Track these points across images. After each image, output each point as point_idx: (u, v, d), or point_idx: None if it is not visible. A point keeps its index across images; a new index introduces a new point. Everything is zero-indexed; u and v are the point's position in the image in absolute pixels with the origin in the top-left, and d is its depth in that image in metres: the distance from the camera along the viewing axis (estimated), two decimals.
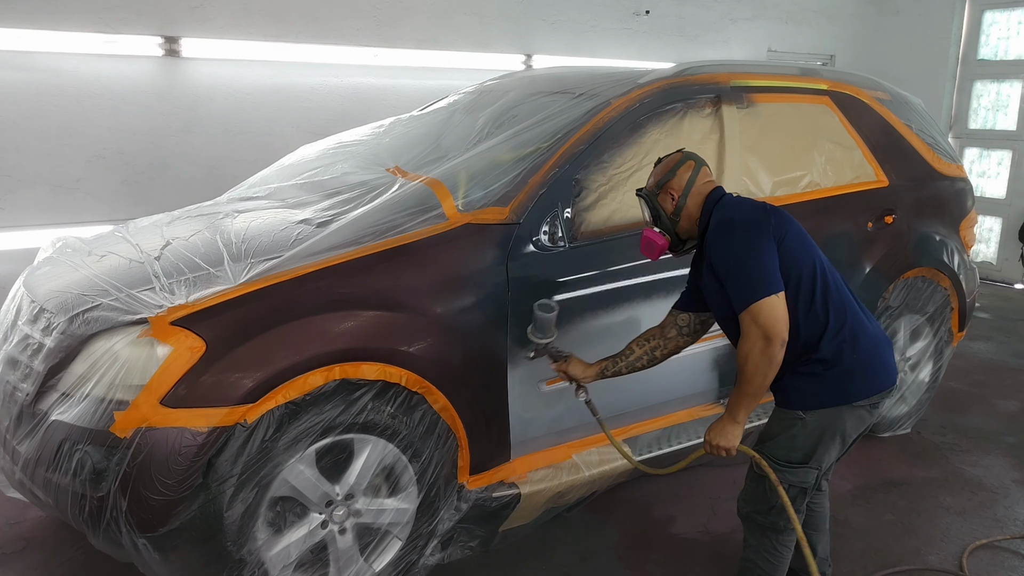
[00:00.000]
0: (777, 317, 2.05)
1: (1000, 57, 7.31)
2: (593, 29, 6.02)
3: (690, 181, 2.29)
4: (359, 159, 3.31)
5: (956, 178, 3.91)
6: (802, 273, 2.14)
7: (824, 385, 2.16)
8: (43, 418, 2.20)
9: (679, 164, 2.32)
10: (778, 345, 2.06)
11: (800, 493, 2.23)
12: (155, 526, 2.09)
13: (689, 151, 2.39)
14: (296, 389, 2.19)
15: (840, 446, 2.24)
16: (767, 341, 2.06)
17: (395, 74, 5.17)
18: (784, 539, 2.30)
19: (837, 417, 2.17)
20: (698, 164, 2.33)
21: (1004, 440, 3.91)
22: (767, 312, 2.05)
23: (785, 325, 2.07)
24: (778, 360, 2.08)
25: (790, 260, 2.13)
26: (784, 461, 2.21)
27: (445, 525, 2.57)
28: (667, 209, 2.32)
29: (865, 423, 2.23)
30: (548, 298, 2.57)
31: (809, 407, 2.18)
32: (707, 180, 2.32)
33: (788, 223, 2.19)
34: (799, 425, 2.19)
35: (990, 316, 6.22)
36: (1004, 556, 2.92)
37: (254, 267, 2.33)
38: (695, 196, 2.29)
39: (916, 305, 3.62)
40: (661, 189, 2.32)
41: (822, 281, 2.16)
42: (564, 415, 2.76)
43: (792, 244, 2.15)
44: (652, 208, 2.35)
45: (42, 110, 4.08)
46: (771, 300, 2.05)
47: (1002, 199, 7.35)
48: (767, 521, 2.29)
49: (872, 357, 2.18)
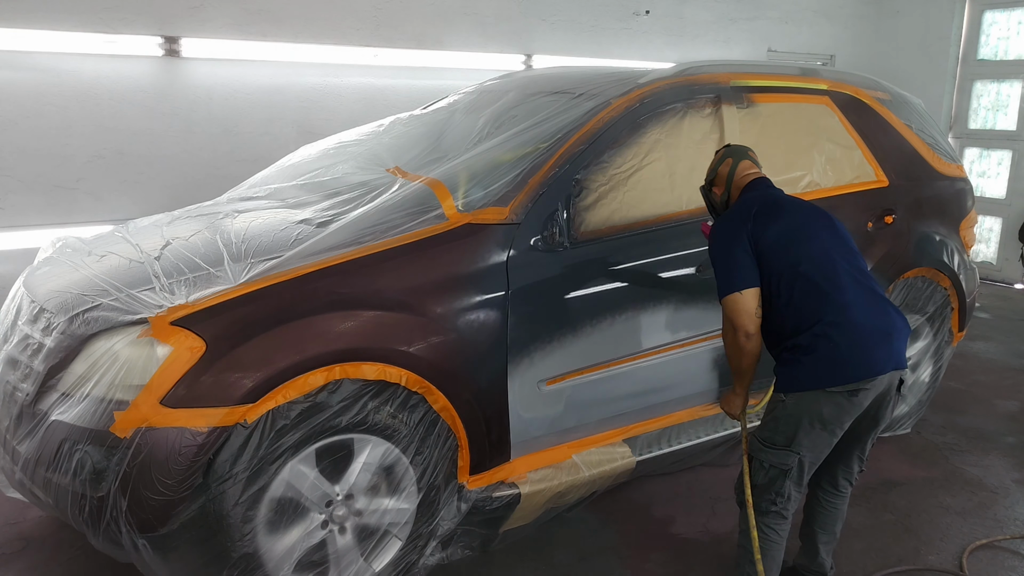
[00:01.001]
0: (740, 311, 2.29)
1: (1000, 57, 7.31)
2: (593, 29, 6.02)
3: (730, 176, 2.53)
4: (359, 159, 3.31)
5: (956, 178, 3.91)
6: (783, 271, 2.29)
7: (801, 369, 2.26)
8: (43, 418, 2.20)
9: (720, 161, 2.57)
10: (742, 336, 2.30)
11: (780, 474, 2.31)
12: (155, 526, 2.09)
13: (734, 146, 2.63)
14: (296, 389, 2.19)
15: (824, 434, 2.27)
16: (734, 331, 2.32)
17: (395, 74, 5.16)
18: (769, 521, 2.36)
19: (814, 401, 2.24)
20: (736, 158, 2.55)
21: (1004, 440, 3.91)
22: (731, 307, 2.31)
23: (749, 318, 2.29)
24: (747, 348, 2.31)
25: (770, 259, 2.30)
26: (768, 442, 2.33)
27: (445, 525, 2.57)
28: (716, 202, 2.58)
29: (844, 410, 2.24)
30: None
31: (788, 389, 2.29)
32: (746, 172, 2.53)
33: (773, 223, 2.33)
34: (780, 407, 2.30)
35: (990, 316, 6.22)
36: (1004, 556, 2.92)
37: (254, 267, 2.34)
38: (736, 189, 2.52)
39: (916, 305, 3.62)
40: (710, 185, 2.59)
41: (805, 277, 2.27)
42: (564, 415, 2.76)
43: (773, 244, 2.30)
44: (708, 202, 2.63)
45: (42, 110, 4.08)
46: (735, 296, 2.29)
47: (1002, 199, 7.35)
48: (751, 501, 2.37)
49: (852, 347, 2.22)
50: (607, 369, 2.80)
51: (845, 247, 2.38)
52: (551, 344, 2.66)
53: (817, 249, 2.31)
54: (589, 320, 2.74)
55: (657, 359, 2.92)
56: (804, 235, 2.34)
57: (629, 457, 2.90)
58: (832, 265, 2.30)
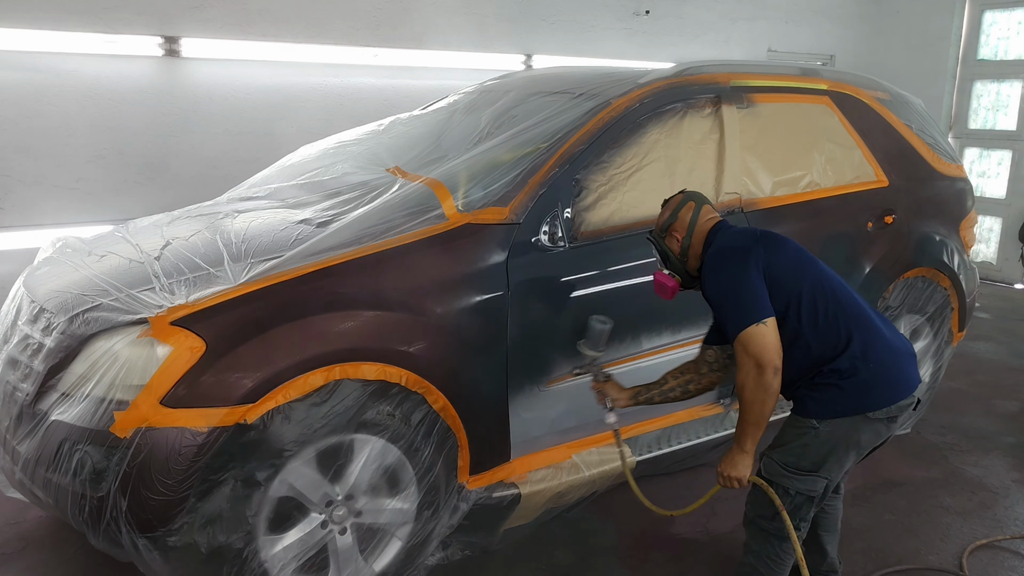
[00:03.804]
0: (766, 345, 2.07)
1: (1000, 57, 7.31)
2: (593, 29, 6.02)
3: (692, 221, 2.34)
4: (359, 159, 3.31)
5: (956, 178, 3.91)
6: (801, 293, 2.15)
7: (841, 395, 2.13)
8: (43, 418, 2.20)
9: (680, 206, 2.38)
10: (771, 372, 2.07)
11: (807, 501, 2.20)
12: (155, 526, 2.09)
13: (691, 191, 2.45)
14: (296, 389, 2.19)
15: (855, 458, 2.21)
16: (759, 369, 2.07)
17: (395, 74, 5.16)
18: (787, 546, 2.26)
19: (852, 428, 2.14)
20: (699, 203, 2.38)
21: (1004, 440, 3.91)
22: (755, 340, 2.07)
23: (776, 352, 2.08)
24: (773, 387, 2.09)
25: (785, 283, 2.15)
26: (793, 468, 2.19)
27: (445, 525, 2.57)
28: (674, 250, 2.38)
29: (881, 437, 2.20)
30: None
31: (825, 416, 2.15)
32: (709, 217, 2.37)
33: (779, 247, 2.21)
34: (811, 434, 2.16)
35: (990, 316, 6.22)
36: (1004, 556, 2.92)
37: (254, 267, 2.33)
38: (698, 235, 2.34)
39: (916, 305, 3.61)
40: (666, 232, 2.39)
41: (825, 297, 2.16)
42: (564, 415, 2.76)
43: (785, 267, 2.17)
44: (660, 250, 2.42)
45: (42, 110, 4.07)
46: (758, 328, 2.07)
47: (1002, 199, 7.35)
48: (771, 527, 2.26)
49: (888, 368, 2.15)
50: (607, 369, 2.79)
51: (834, 272, 2.31)
52: (551, 344, 2.66)
53: (825, 272, 2.24)
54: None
55: (657, 359, 2.92)
56: (808, 258, 2.25)
57: (629, 457, 2.90)
58: (843, 286, 2.23)
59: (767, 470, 2.24)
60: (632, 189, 2.84)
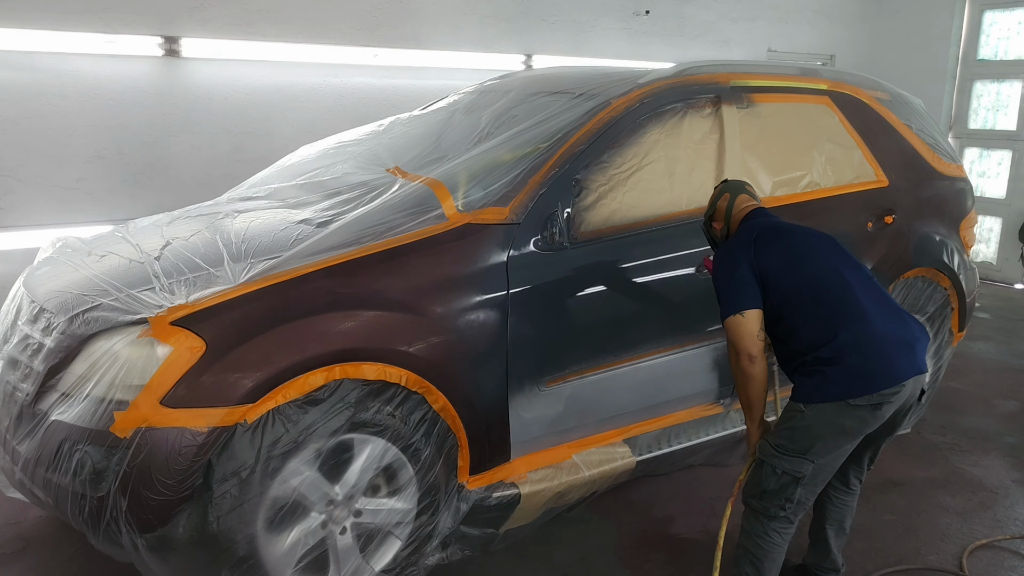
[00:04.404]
0: (740, 333, 2.28)
1: (1000, 57, 7.31)
2: (593, 29, 6.02)
3: (728, 210, 2.54)
4: (359, 159, 3.30)
5: (956, 178, 3.90)
6: (793, 290, 2.30)
7: (825, 381, 2.23)
8: (43, 418, 2.20)
9: (718, 196, 2.59)
10: (745, 359, 2.29)
11: (792, 481, 2.29)
12: (155, 526, 2.09)
13: (730, 181, 2.65)
14: (296, 389, 2.19)
15: (846, 444, 2.27)
16: (736, 355, 2.31)
17: (395, 74, 5.16)
18: (776, 526, 2.34)
19: (836, 414, 2.21)
20: (734, 193, 2.57)
21: (1004, 440, 3.91)
22: (732, 329, 2.30)
23: (752, 340, 2.27)
24: (751, 373, 2.29)
25: (777, 280, 2.31)
26: (781, 449, 2.29)
27: (445, 525, 2.57)
28: (717, 236, 2.60)
29: (866, 423, 2.23)
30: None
31: (811, 400, 2.25)
32: (744, 206, 2.54)
33: (771, 247, 2.35)
34: (798, 417, 2.27)
35: (990, 316, 6.22)
36: (1004, 556, 2.92)
37: (254, 267, 2.33)
38: (735, 222, 2.53)
39: (916, 305, 3.61)
40: (710, 220, 2.62)
41: (820, 292, 2.28)
42: (564, 415, 2.76)
43: (776, 265, 2.32)
44: (708, 237, 2.67)
45: (42, 110, 4.08)
46: (735, 318, 2.29)
47: (1002, 199, 7.35)
48: (760, 506, 2.35)
49: (876, 358, 2.21)
50: (607, 369, 2.80)
51: (850, 261, 2.40)
52: (551, 344, 2.66)
53: (824, 265, 2.33)
54: (589, 320, 2.74)
55: (657, 359, 2.92)
56: (808, 253, 2.36)
57: (629, 457, 2.90)
58: (842, 279, 2.31)
59: (761, 450, 2.36)
60: (632, 189, 2.84)
